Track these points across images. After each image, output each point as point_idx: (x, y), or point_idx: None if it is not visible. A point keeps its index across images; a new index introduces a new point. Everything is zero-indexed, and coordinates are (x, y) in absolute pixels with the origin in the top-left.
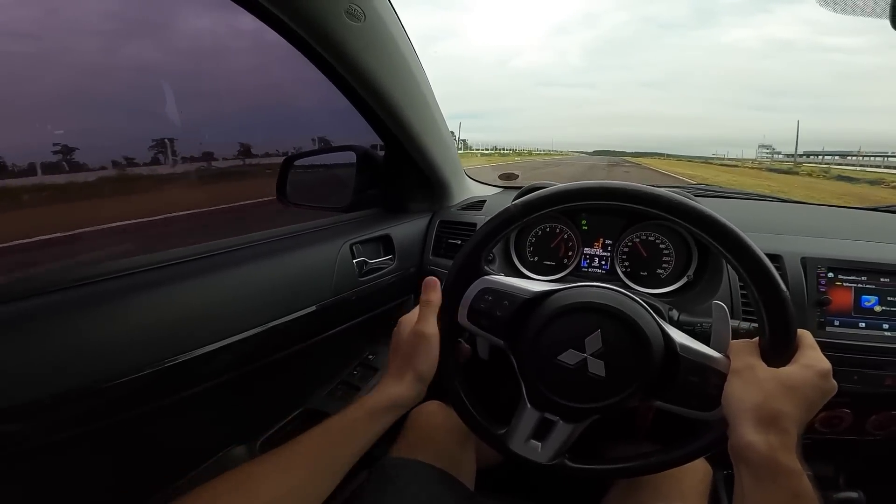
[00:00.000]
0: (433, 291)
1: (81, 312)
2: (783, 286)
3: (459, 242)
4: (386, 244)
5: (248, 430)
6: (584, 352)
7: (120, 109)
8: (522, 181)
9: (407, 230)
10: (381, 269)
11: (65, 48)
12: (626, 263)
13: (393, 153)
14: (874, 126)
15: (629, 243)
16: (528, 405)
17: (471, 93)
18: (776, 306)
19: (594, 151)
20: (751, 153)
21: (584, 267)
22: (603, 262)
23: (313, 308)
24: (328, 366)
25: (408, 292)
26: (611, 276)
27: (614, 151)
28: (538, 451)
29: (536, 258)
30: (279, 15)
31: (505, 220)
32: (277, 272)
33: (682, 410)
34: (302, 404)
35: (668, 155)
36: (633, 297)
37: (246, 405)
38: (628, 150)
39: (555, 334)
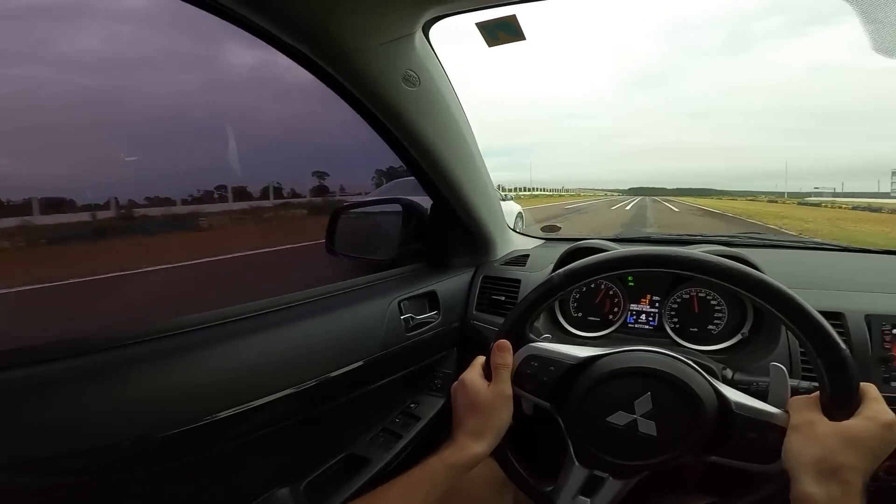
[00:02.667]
0: (507, 354)
1: (145, 367)
2: (842, 346)
3: (503, 299)
4: (431, 300)
5: (292, 473)
6: (634, 413)
7: None
8: (565, 232)
9: (451, 285)
10: (427, 324)
11: None
12: (676, 320)
13: (439, 208)
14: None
15: (678, 299)
16: (576, 462)
17: (499, 128)
18: (836, 367)
19: (630, 189)
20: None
21: (631, 323)
22: (650, 319)
23: (362, 362)
24: (371, 414)
25: (451, 346)
26: (658, 332)
27: (654, 189)
28: None
29: (581, 314)
30: (341, 80)
31: (547, 291)
32: (331, 328)
33: (741, 464)
34: (345, 450)
35: (721, 191)
36: (684, 360)
37: (292, 450)
38: (669, 187)
39: (603, 397)
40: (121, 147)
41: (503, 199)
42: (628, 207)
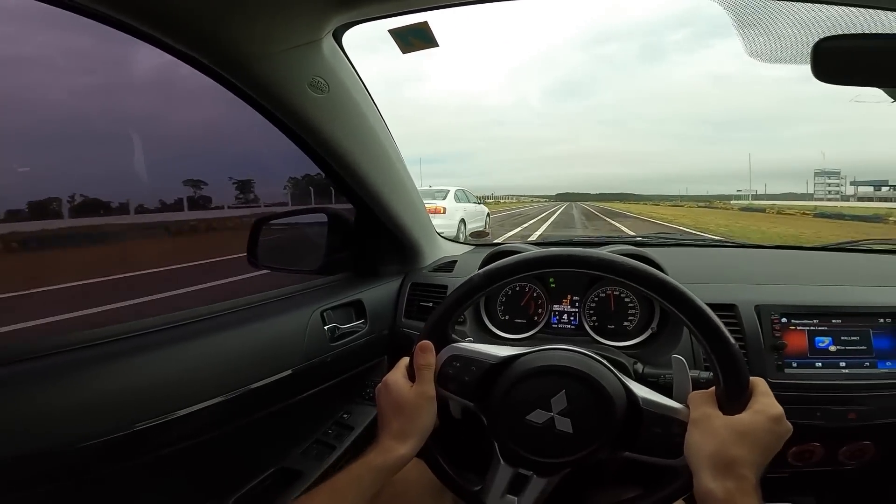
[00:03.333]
0: (430, 355)
1: (66, 377)
2: (732, 340)
3: (431, 305)
4: (358, 309)
5: (221, 489)
6: (551, 411)
7: None
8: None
9: (379, 294)
10: (354, 332)
11: None
12: (594, 318)
13: (363, 217)
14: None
15: (596, 298)
16: (502, 461)
17: (432, 136)
18: (727, 360)
19: (557, 195)
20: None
21: (554, 323)
22: (572, 318)
23: (285, 373)
24: (303, 425)
25: (381, 354)
26: (579, 331)
27: (578, 194)
28: None
29: (508, 317)
30: (245, 89)
31: (468, 291)
32: (247, 340)
33: (650, 459)
34: (277, 463)
35: (639, 196)
36: (596, 358)
37: (220, 464)
38: (592, 192)
39: (522, 396)
40: None
41: (477, 203)
42: None
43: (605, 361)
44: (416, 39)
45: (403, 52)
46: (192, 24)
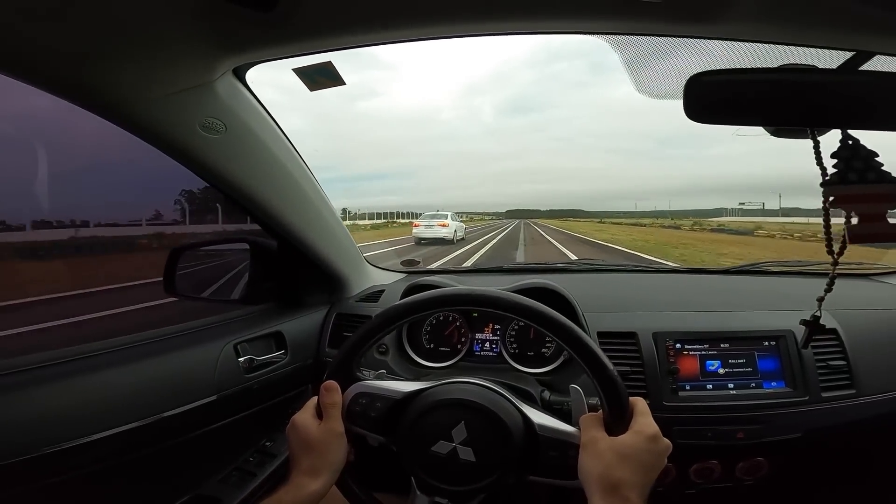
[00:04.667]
0: (335, 394)
1: None
2: (609, 364)
3: None
4: (278, 340)
5: None
6: (453, 441)
7: None
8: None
9: (301, 325)
10: (273, 363)
11: None
12: (515, 345)
13: (284, 248)
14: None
15: (516, 327)
16: (418, 492)
17: (377, 151)
18: (606, 383)
19: (507, 212)
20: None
21: (477, 351)
22: (493, 346)
23: (197, 403)
24: (223, 453)
25: (305, 382)
26: (500, 358)
27: (529, 211)
28: None
29: (433, 345)
30: (129, 132)
31: (367, 333)
32: (160, 371)
33: (552, 481)
34: (193, 490)
35: (588, 212)
36: (494, 388)
37: (136, 489)
38: (543, 209)
39: (425, 428)
40: None
41: (460, 222)
42: None
43: (502, 391)
44: (321, 78)
45: (311, 90)
46: (58, 69)
